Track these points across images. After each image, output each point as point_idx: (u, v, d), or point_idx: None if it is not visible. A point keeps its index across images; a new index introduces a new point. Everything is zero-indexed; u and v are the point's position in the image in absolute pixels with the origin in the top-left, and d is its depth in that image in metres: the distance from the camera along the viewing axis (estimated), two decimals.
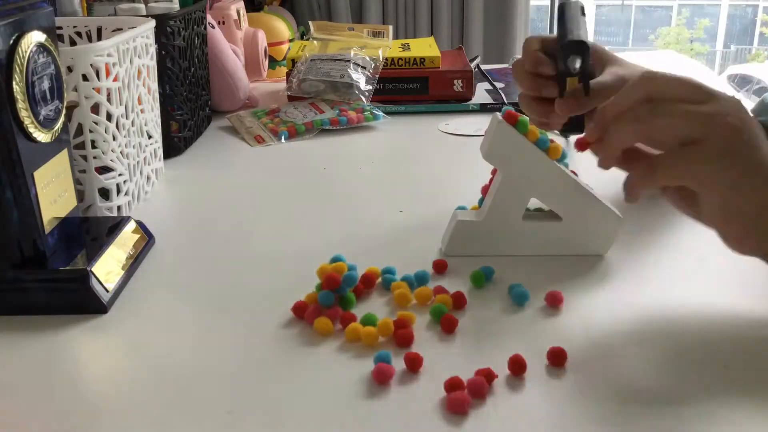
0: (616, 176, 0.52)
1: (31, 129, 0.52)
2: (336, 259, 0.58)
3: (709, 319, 0.52)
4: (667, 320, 0.52)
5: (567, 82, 0.63)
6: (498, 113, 0.60)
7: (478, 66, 1.22)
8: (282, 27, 1.36)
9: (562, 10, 0.67)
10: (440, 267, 0.59)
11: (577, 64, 0.61)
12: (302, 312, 0.53)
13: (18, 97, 0.51)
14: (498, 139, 0.59)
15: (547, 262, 0.60)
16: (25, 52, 0.51)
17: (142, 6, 0.88)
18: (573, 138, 0.74)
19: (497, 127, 0.59)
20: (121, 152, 0.69)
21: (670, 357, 0.47)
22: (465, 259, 0.60)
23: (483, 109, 1.07)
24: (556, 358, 0.46)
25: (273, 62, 1.31)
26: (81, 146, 0.66)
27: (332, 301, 0.53)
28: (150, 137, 0.78)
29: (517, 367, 0.45)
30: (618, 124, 0.49)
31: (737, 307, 0.53)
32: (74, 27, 0.79)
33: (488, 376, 0.44)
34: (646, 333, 0.50)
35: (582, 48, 0.61)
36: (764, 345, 0.48)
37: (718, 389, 0.44)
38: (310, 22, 1.22)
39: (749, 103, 0.66)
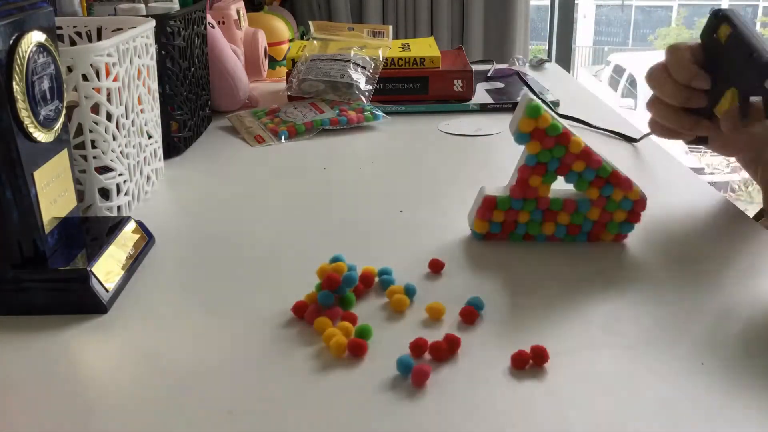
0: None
1: (31, 129, 0.52)
2: (336, 259, 0.58)
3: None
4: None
5: (726, 98, 0.63)
6: (528, 91, 0.59)
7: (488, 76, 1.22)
8: (282, 27, 1.36)
9: (726, 18, 0.65)
10: (437, 267, 0.59)
11: None
12: (302, 312, 0.53)
13: (18, 97, 0.51)
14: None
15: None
16: (25, 52, 0.51)
17: (142, 6, 0.88)
18: None
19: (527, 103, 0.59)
20: (121, 152, 0.69)
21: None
22: (462, 260, 0.61)
23: (483, 109, 1.07)
24: (539, 357, 0.47)
25: (273, 62, 1.31)
26: (81, 146, 0.66)
27: (332, 301, 0.53)
28: (150, 137, 0.78)
29: (521, 362, 0.46)
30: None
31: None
32: (74, 27, 0.79)
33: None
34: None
35: None
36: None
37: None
38: (310, 22, 1.22)
39: None
